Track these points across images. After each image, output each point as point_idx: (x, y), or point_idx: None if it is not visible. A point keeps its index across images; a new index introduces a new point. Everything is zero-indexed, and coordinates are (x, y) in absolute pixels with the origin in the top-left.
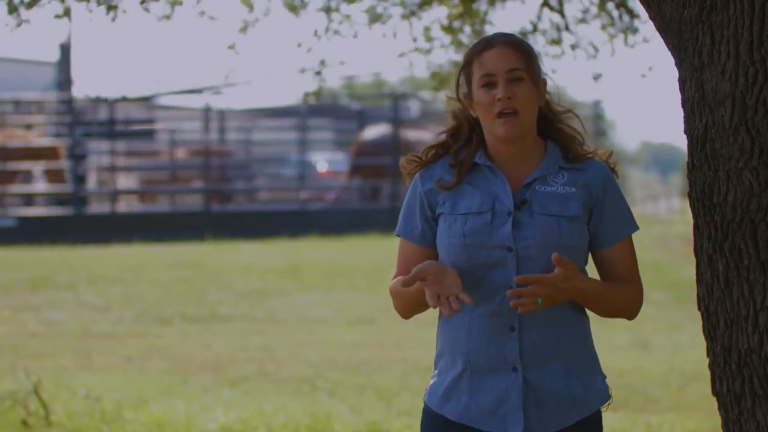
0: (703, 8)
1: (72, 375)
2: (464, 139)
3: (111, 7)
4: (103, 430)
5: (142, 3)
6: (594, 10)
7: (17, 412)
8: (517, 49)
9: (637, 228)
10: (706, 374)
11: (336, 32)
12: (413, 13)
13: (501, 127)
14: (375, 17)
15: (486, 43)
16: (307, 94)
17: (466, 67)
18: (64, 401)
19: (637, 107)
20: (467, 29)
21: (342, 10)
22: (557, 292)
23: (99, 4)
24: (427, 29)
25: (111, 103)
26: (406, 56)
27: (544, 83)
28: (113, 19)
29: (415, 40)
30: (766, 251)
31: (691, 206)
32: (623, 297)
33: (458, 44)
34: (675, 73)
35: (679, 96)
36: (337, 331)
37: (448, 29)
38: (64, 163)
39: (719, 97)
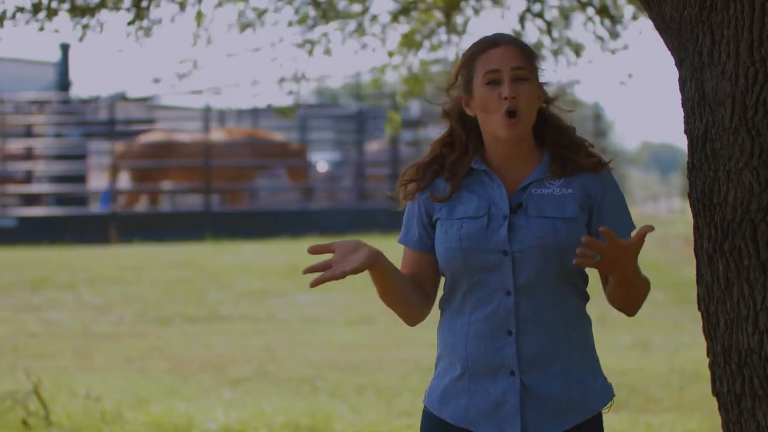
0: (703, 8)
1: (72, 375)
2: (460, 147)
3: (85, 27)
4: (103, 430)
5: (130, 24)
6: (576, 15)
7: (17, 412)
8: (522, 50)
9: (634, 227)
10: (707, 374)
11: (311, 52)
12: (387, 25)
13: (504, 128)
14: (354, 32)
15: (490, 42)
16: (281, 109)
17: (466, 66)
18: (64, 401)
19: (637, 107)
20: (426, 45)
21: (317, 28)
22: (618, 261)
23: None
24: (405, 36)
25: (111, 103)
26: (385, 67)
27: (543, 87)
28: (81, 39)
29: (390, 54)
30: (766, 251)
31: (691, 206)
32: (645, 288)
33: (435, 47)
34: (675, 73)
35: (679, 96)
36: (337, 331)
37: (416, 42)
38: (308, 162)
39: (719, 97)
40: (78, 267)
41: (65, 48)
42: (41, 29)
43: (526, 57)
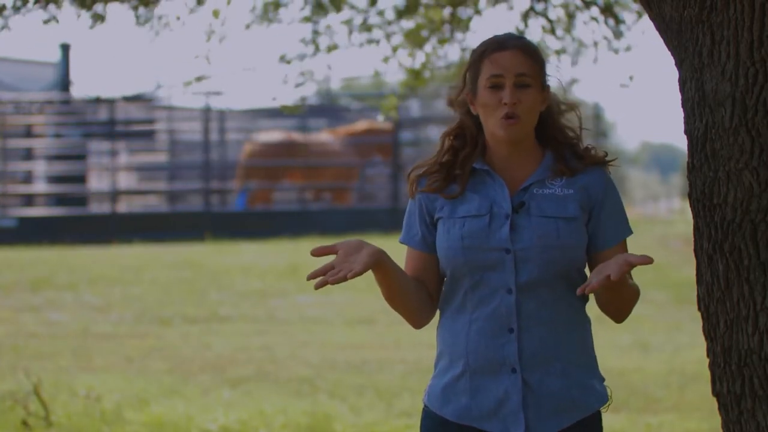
0: (703, 8)
1: (72, 375)
2: (471, 141)
3: (97, 17)
4: (103, 430)
5: (134, 8)
6: (579, 15)
7: (17, 412)
8: (528, 55)
9: (631, 232)
10: (706, 375)
11: (316, 45)
12: (390, 22)
13: (503, 129)
14: (360, 26)
15: (498, 45)
16: (285, 107)
17: (474, 65)
18: (64, 401)
19: (637, 107)
20: (428, 46)
21: (324, 20)
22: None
23: (87, 10)
24: (407, 35)
25: (111, 103)
26: (386, 62)
27: (548, 90)
28: (92, 27)
29: (395, 49)
30: (766, 251)
31: (691, 207)
32: (634, 296)
33: (435, 52)
34: (675, 74)
35: (679, 96)
36: (337, 331)
37: (421, 38)
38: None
39: (719, 98)
40: (78, 267)
41: (65, 48)
42: (47, 21)
43: (532, 63)
